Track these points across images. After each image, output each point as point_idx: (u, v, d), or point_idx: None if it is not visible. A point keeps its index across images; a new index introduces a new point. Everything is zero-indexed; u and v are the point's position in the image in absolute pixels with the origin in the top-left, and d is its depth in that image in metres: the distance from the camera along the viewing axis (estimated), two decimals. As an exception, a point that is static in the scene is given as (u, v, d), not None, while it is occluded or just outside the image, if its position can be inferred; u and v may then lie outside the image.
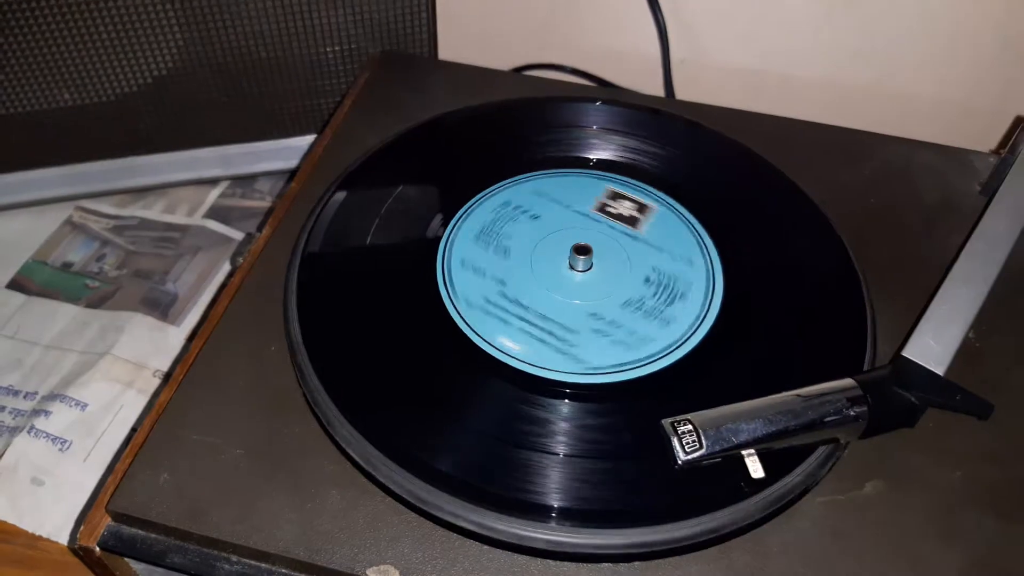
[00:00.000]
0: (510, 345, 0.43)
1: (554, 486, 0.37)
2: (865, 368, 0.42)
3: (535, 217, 0.49)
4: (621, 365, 0.42)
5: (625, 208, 0.47)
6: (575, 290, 0.46)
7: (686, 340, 0.43)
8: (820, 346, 0.43)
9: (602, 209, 0.47)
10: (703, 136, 0.55)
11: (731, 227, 0.49)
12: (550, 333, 0.43)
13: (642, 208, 0.46)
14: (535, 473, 0.37)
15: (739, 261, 0.47)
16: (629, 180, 0.51)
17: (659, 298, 0.45)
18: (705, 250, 0.47)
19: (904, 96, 0.72)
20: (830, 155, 0.55)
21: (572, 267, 0.46)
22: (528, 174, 0.51)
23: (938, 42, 0.68)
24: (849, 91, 0.73)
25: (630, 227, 0.47)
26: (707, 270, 0.46)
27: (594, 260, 0.46)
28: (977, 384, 0.40)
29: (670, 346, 0.43)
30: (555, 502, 0.36)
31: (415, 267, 0.47)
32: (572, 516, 0.36)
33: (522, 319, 0.44)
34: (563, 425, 0.39)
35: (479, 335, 0.43)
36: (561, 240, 0.48)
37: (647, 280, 0.46)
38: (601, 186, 0.51)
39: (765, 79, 0.74)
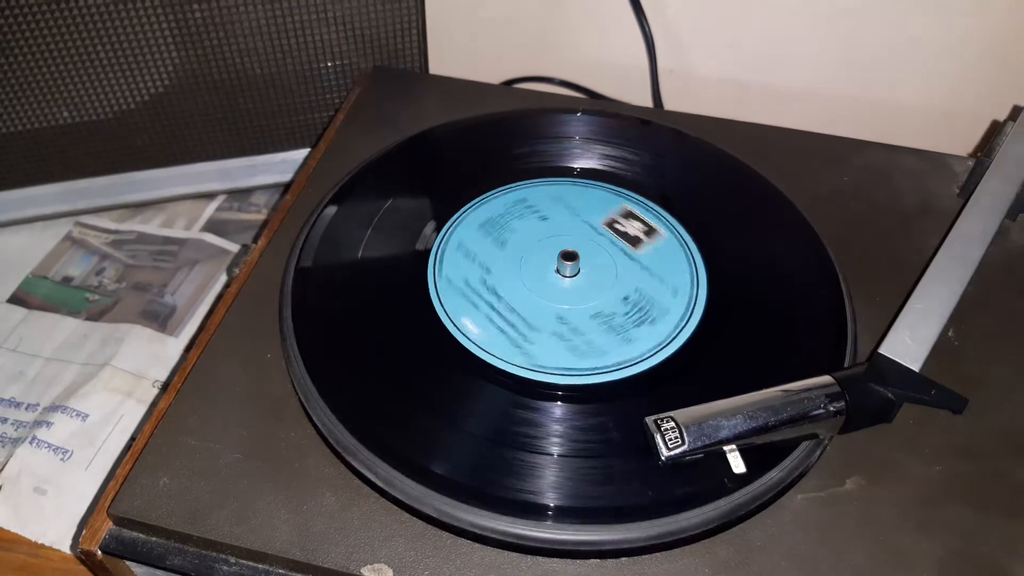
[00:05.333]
0: (471, 327, 0.44)
1: (543, 484, 0.38)
2: (845, 366, 0.43)
3: (544, 218, 0.51)
4: (566, 369, 0.43)
5: (633, 228, 0.48)
6: (553, 293, 0.47)
7: (642, 360, 0.44)
8: (802, 346, 0.45)
9: (611, 225, 0.49)
10: (687, 144, 0.56)
11: (715, 231, 0.50)
12: (512, 325, 0.45)
13: (650, 231, 0.48)
14: (523, 471, 0.38)
15: (725, 265, 0.49)
16: (646, 202, 0.52)
17: (630, 317, 0.46)
18: (695, 276, 0.48)
19: (887, 104, 0.73)
20: (812, 161, 0.56)
21: (559, 272, 0.48)
22: (551, 179, 0.54)
23: (920, 51, 0.69)
24: (834, 100, 0.74)
25: (631, 247, 0.48)
26: (689, 299, 0.46)
27: (582, 269, 0.48)
28: (956, 381, 0.41)
29: (620, 364, 0.43)
30: (544, 500, 0.37)
31: (406, 276, 0.48)
32: (560, 513, 0.37)
33: (492, 307, 0.46)
34: (553, 426, 0.40)
35: (446, 312, 0.45)
36: (559, 244, 0.49)
37: (625, 299, 0.47)
38: (619, 203, 0.52)
39: (751, 89, 0.75)
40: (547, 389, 0.42)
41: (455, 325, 0.45)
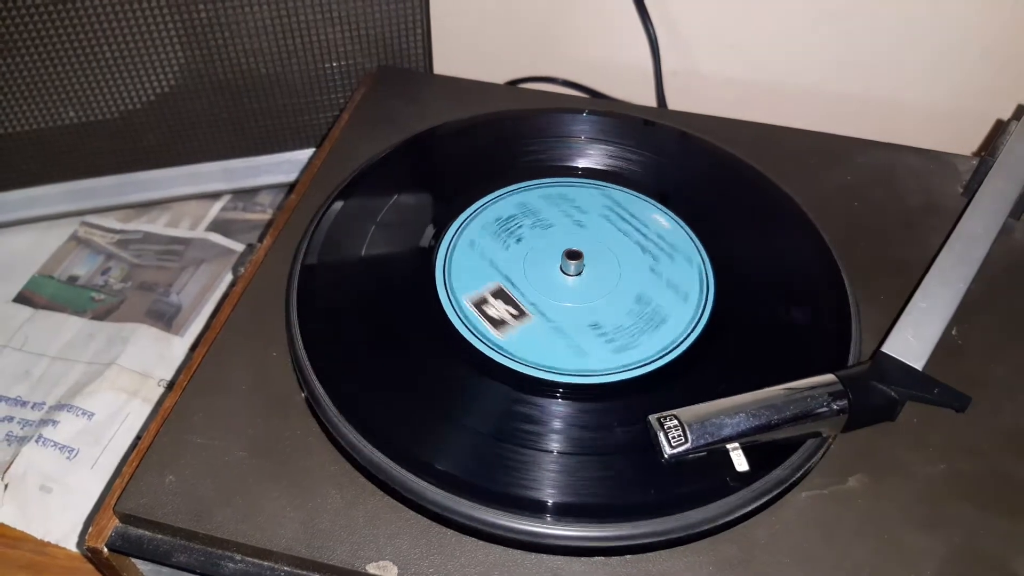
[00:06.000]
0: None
1: (548, 482, 0.38)
2: (849, 364, 0.43)
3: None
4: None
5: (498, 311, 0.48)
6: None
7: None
8: (805, 344, 0.45)
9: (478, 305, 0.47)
10: (691, 144, 0.56)
11: (721, 231, 0.51)
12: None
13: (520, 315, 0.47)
14: (528, 469, 0.38)
15: (730, 265, 0.49)
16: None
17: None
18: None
19: (891, 103, 0.73)
20: (816, 160, 0.56)
21: (564, 271, 0.48)
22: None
23: (923, 51, 0.69)
24: (837, 99, 0.74)
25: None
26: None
27: (586, 266, 0.48)
28: (959, 379, 0.41)
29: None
30: (549, 498, 0.37)
31: (411, 274, 0.48)
32: (565, 511, 0.37)
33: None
34: (556, 423, 0.41)
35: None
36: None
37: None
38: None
39: (755, 89, 0.76)
40: (552, 387, 0.42)
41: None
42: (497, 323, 0.45)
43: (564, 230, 0.51)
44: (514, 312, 0.45)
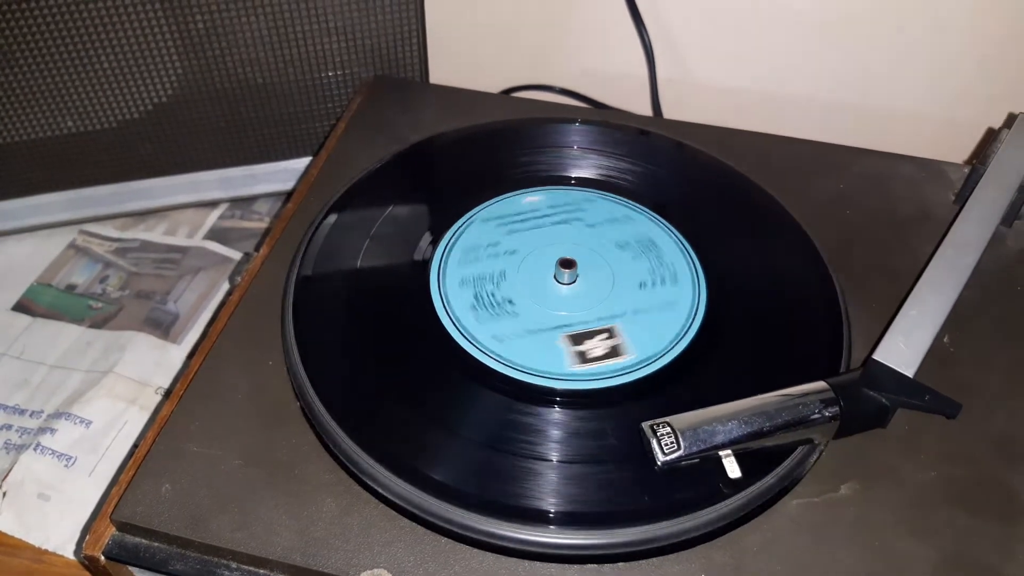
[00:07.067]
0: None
1: (541, 490, 0.38)
2: (841, 371, 0.43)
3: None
4: (621, 369, 0.44)
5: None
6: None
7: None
8: (798, 351, 0.45)
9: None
10: (685, 154, 0.57)
11: (713, 239, 0.51)
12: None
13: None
14: (522, 476, 0.39)
15: (722, 272, 0.49)
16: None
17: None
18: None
19: (884, 112, 0.73)
20: (809, 169, 0.57)
21: (558, 280, 0.48)
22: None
23: (917, 60, 0.70)
24: (831, 108, 0.75)
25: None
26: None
27: (580, 275, 0.48)
28: (950, 386, 0.41)
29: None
30: (542, 505, 0.38)
31: (407, 284, 0.48)
32: (558, 518, 0.37)
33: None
34: (552, 431, 0.41)
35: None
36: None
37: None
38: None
39: (750, 98, 0.76)
40: (545, 395, 0.42)
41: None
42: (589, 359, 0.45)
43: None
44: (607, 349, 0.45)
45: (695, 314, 0.46)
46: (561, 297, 0.48)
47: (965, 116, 0.71)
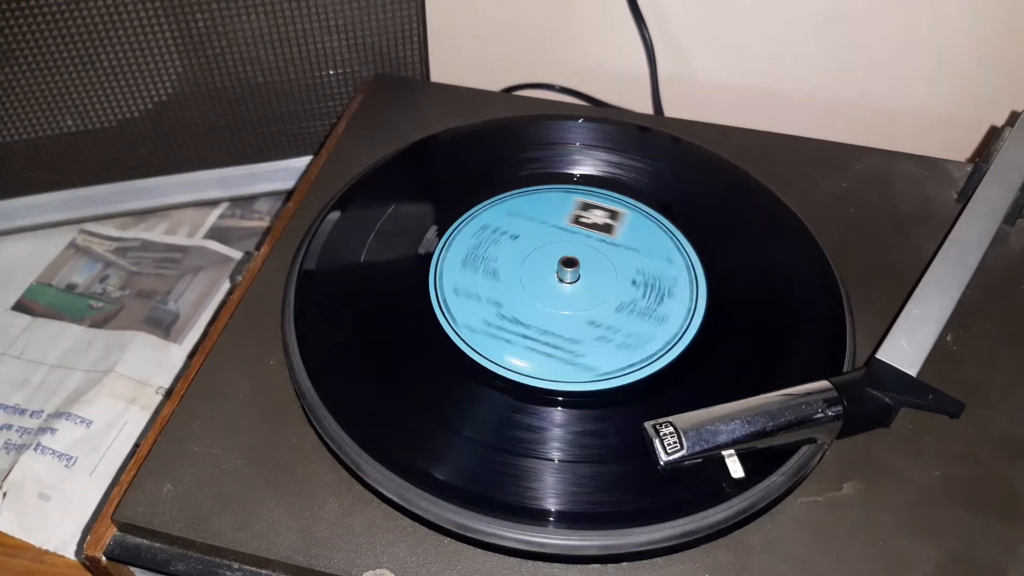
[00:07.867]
0: (518, 363, 0.44)
1: (544, 490, 0.38)
2: (844, 371, 0.43)
3: (515, 237, 0.50)
4: (629, 367, 0.43)
5: (598, 217, 0.48)
6: (568, 301, 0.47)
7: (683, 335, 0.45)
8: (801, 351, 0.45)
9: (576, 220, 0.49)
10: (686, 151, 0.56)
11: (716, 238, 0.51)
12: (555, 347, 0.45)
13: (614, 215, 0.48)
14: (524, 477, 0.39)
15: (724, 272, 0.49)
16: (595, 190, 0.53)
17: (649, 299, 0.46)
18: (680, 247, 0.48)
19: (886, 110, 0.73)
20: (811, 167, 0.56)
21: (561, 279, 0.48)
22: (501, 195, 0.53)
23: (919, 57, 0.70)
24: (833, 106, 0.74)
25: (606, 234, 0.48)
26: (687, 266, 0.47)
27: (580, 270, 0.48)
28: (953, 385, 0.41)
29: (669, 342, 0.45)
30: (545, 506, 0.38)
31: (408, 283, 0.48)
32: (562, 519, 0.37)
33: (525, 336, 0.45)
34: (552, 431, 0.41)
35: (486, 357, 0.44)
36: (545, 255, 0.49)
37: (634, 283, 0.47)
38: (570, 198, 0.52)
39: (751, 95, 0.76)
40: (548, 395, 0.42)
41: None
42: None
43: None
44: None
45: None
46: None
47: (967, 114, 0.71)
